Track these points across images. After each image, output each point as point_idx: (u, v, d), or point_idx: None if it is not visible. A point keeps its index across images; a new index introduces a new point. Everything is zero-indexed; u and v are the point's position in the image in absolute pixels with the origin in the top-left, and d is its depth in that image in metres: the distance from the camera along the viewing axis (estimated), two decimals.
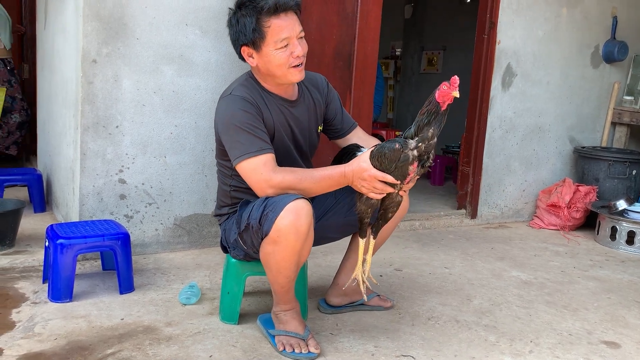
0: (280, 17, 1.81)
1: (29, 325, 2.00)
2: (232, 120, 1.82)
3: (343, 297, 2.25)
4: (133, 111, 2.70)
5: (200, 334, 2.01)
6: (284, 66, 1.85)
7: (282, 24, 1.81)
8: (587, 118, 4.30)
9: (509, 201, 4.05)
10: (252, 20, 1.81)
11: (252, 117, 1.83)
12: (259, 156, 1.79)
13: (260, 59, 1.87)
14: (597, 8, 4.15)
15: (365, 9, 3.06)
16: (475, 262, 3.06)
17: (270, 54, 1.83)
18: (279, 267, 1.82)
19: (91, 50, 2.57)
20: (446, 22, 6.96)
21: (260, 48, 1.84)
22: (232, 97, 1.87)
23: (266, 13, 1.79)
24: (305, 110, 2.03)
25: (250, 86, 1.92)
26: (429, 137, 1.71)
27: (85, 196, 2.66)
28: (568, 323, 2.30)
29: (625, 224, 3.49)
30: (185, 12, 2.76)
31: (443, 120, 1.72)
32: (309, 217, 1.75)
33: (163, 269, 2.65)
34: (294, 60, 1.85)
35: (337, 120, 2.14)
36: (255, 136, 1.81)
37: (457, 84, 1.67)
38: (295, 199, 1.74)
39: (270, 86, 1.94)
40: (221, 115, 1.87)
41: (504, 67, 3.83)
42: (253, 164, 1.80)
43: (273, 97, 1.94)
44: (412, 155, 1.71)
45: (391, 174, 1.73)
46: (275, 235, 1.75)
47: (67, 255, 2.20)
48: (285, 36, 1.82)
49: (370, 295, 2.27)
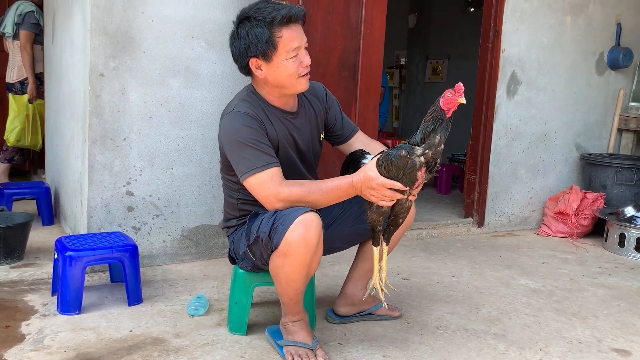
0: (291, 28, 1.83)
1: (38, 337, 2.01)
2: (236, 136, 1.83)
3: (351, 306, 2.24)
4: (140, 123, 2.72)
5: (208, 345, 2.01)
6: (293, 76, 1.86)
7: (293, 34, 1.83)
8: (593, 125, 4.30)
9: (516, 209, 4.04)
10: (264, 31, 1.82)
11: (255, 132, 1.84)
12: (265, 171, 1.80)
13: (269, 70, 1.87)
14: (601, 15, 4.15)
15: (369, 18, 3.08)
16: (483, 271, 3.05)
17: (282, 64, 1.85)
18: (288, 279, 1.83)
19: (99, 64, 2.60)
20: (450, 30, 6.98)
21: (271, 59, 1.85)
22: (235, 113, 1.88)
23: (278, 24, 1.81)
24: (307, 120, 2.04)
25: (252, 101, 1.92)
26: (436, 144, 1.71)
27: (93, 208, 2.67)
28: (578, 331, 2.28)
29: (633, 231, 3.46)
30: (191, 25, 2.78)
31: (448, 127, 1.72)
32: (318, 230, 1.75)
33: (171, 280, 2.65)
34: (303, 70, 1.87)
35: (337, 125, 2.15)
36: (260, 151, 1.82)
37: (462, 91, 1.67)
38: (305, 212, 1.74)
39: (272, 98, 1.95)
40: (225, 133, 1.88)
41: (509, 75, 3.84)
42: (260, 179, 1.80)
43: (275, 110, 1.95)
44: (419, 162, 1.71)
45: (399, 181, 1.73)
46: (285, 248, 1.75)
47: (76, 268, 2.21)
48: (296, 46, 1.84)
49: (377, 304, 2.27)
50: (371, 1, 3.07)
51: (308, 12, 2.79)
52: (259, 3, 1.87)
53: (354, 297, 2.22)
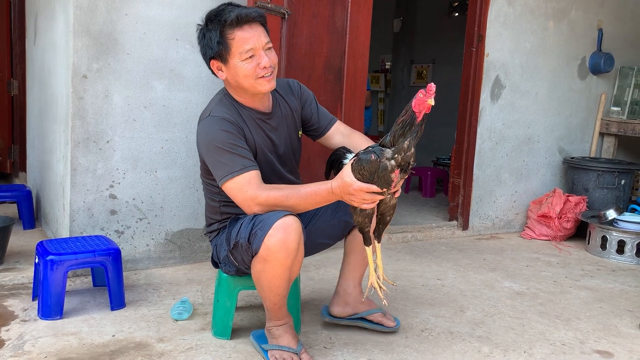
0: (244, 29, 1.82)
1: (18, 343, 1.97)
2: (214, 141, 1.82)
3: (344, 306, 2.19)
4: (124, 126, 2.69)
5: (192, 349, 1.99)
6: (250, 77, 1.85)
7: (246, 35, 1.82)
8: (575, 129, 4.35)
9: (500, 212, 4.07)
10: (216, 33, 1.83)
11: (232, 136, 1.83)
12: (242, 174, 1.79)
13: (228, 72, 1.88)
14: (583, 21, 4.21)
15: (354, 23, 3.09)
16: (467, 274, 3.06)
17: (237, 66, 1.84)
18: (270, 284, 1.82)
19: (81, 65, 2.57)
20: (435, 35, 7.03)
21: (227, 60, 1.86)
22: (211, 118, 1.87)
23: (229, 25, 1.82)
24: (283, 119, 2.03)
25: (227, 104, 1.92)
26: (405, 148, 1.68)
27: (76, 212, 2.64)
28: (561, 333, 2.30)
29: (615, 234, 3.51)
30: (176, 28, 2.77)
31: (419, 130, 1.67)
32: (298, 233, 1.74)
33: (154, 284, 2.63)
34: (261, 71, 1.85)
35: (313, 119, 2.13)
36: (237, 155, 1.81)
37: (433, 91, 1.62)
38: (283, 215, 1.74)
39: (244, 99, 1.94)
40: (202, 137, 1.87)
41: (493, 79, 3.87)
42: (238, 183, 1.79)
43: (249, 112, 1.94)
44: (390, 165, 1.69)
45: (375, 184, 1.71)
46: (265, 253, 1.75)
47: (58, 272, 2.18)
48: (250, 47, 1.83)
49: (373, 309, 2.20)
50: (356, 6, 3.08)
51: (293, 16, 2.80)
52: (220, 6, 1.88)
53: (346, 295, 2.18)
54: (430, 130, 7.50)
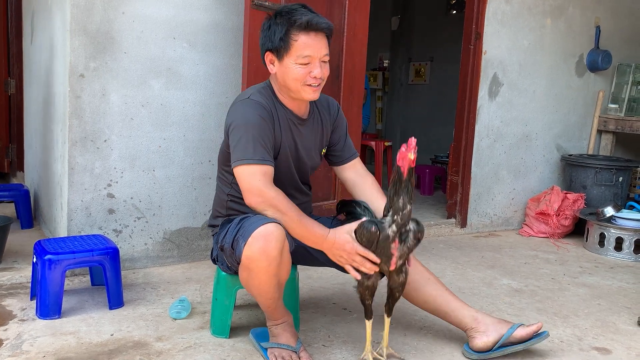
0: (309, 35, 1.82)
1: (16, 343, 1.97)
2: (247, 122, 1.82)
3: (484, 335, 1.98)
4: (121, 125, 2.69)
5: (191, 348, 1.99)
6: (299, 81, 1.85)
7: (309, 42, 1.82)
8: (573, 126, 4.35)
9: (498, 210, 4.08)
10: (282, 29, 1.83)
11: (265, 125, 1.84)
12: (259, 165, 1.79)
13: (279, 68, 1.88)
14: (580, 18, 4.21)
15: (352, 21, 3.08)
16: (466, 271, 3.07)
17: (290, 67, 1.84)
18: (259, 290, 1.83)
19: (79, 64, 2.57)
20: (433, 33, 7.03)
21: (282, 58, 1.85)
22: (250, 101, 1.87)
23: (297, 27, 1.81)
24: (313, 130, 2.03)
25: (267, 95, 1.93)
26: (401, 207, 1.68)
27: (74, 211, 2.63)
28: (559, 330, 2.31)
29: (613, 231, 3.51)
30: (173, 26, 2.76)
31: (410, 186, 1.67)
32: (279, 241, 1.73)
33: (153, 283, 2.63)
34: (311, 80, 1.85)
35: (339, 146, 2.14)
36: (261, 146, 1.81)
37: (414, 145, 1.62)
38: (266, 223, 1.73)
39: (284, 99, 1.94)
40: (236, 116, 1.86)
41: (491, 77, 3.87)
42: (252, 170, 1.78)
43: (285, 111, 1.94)
44: (391, 233, 1.70)
45: (374, 253, 1.74)
46: (247, 262, 1.76)
47: (56, 271, 2.18)
48: (308, 54, 1.83)
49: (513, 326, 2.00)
50: (354, 4, 3.07)
51: None
52: (296, 5, 1.87)
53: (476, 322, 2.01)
54: (428, 128, 7.52)
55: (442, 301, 2.03)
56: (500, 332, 1.96)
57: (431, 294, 2.02)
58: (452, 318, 2.03)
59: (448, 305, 2.02)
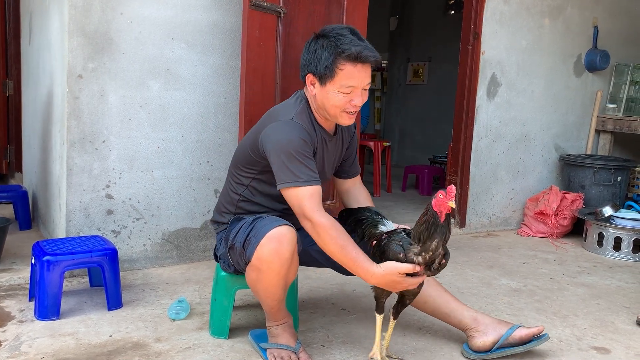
0: (357, 67, 1.80)
1: (15, 344, 1.97)
2: (289, 146, 1.79)
3: (483, 335, 2.00)
4: (119, 126, 2.69)
5: (190, 349, 1.99)
6: (339, 108, 1.84)
7: (355, 73, 1.80)
8: (571, 126, 4.36)
9: (496, 210, 4.08)
10: (329, 57, 1.80)
11: (307, 147, 1.82)
12: (306, 186, 1.77)
13: (320, 92, 1.86)
14: (578, 18, 4.22)
15: (350, 21, 3.08)
16: (464, 271, 3.07)
17: (331, 93, 1.83)
18: (266, 292, 1.83)
19: (77, 65, 2.56)
20: (431, 33, 7.04)
21: (325, 84, 1.83)
22: (294, 123, 1.85)
23: (346, 57, 1.79)
24: (336, 147, 2.05)
25: (307, 116, 1.91)
26: (433, 249, 1.69)
27: (72, 212, 2.63)
28: (558, 330, 2.31)
29: (611, 230, 3.52)
30: (172, 27, 2.76)
31: (447, 232, 1.68)
32: (291, 244, 1.74)
33: (151, 284, 2.62)
34: (350, 108, 1.85)
35: (348, 162, 2.17)
36: (306, 166, 1.79)
37: (454, 194, 1.63)
38: (279, 225, 1.74)
39: (320, 118, 1.94)
40: (278, 137, 1.82)
41: (489, 77, 3.87)
42: (299, 193, 1.77)
43: (321, 130, 1.94)
44: (416, 260, 1.70)
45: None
46: (258, 262, 1.76)
47: (54, 272, 2.17)
48: (353, 85, 1.81)
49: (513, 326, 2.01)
50: (352, 4, 3.07)
51: (289, 14, 2.79)
52: (344, 29, 1.84)
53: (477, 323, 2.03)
54: (426, 128, 7.52)
55: (442, 303, 2.04)
56: (500, 333, 1.97)
57: (430, 296, 2.03)
58: (452, 319, 2.04)
59: (447, 306, 2.04)
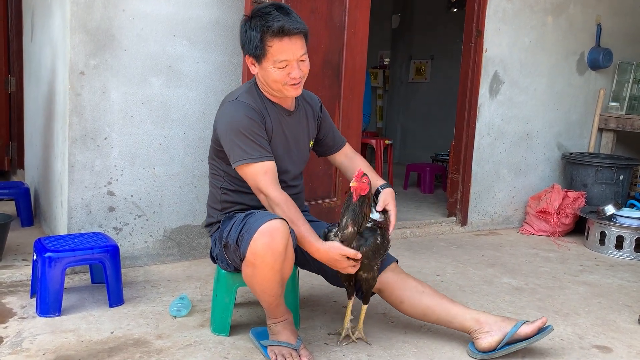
0: (283, 41, 1.84)
1: (16, 340, 1.97)
2: (237, 125, 1.86)
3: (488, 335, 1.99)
4: (121, 123, 2.69)
5: (191, 346, 1.99)
6: (279, 82, 1.90)
7: (284, 47, 1.85)
8: (574, 124, 4.35)
9: (498, 208, 4.07)
10: (257, 36, 1.85)
11: (255, 124, 1.88)
12: (259, 163, 1.85)
13: (260, 71, 1.93)
14: (581, 16, 4.20)
15: (352, 18, 3.08)
16: (466, 269, 3.06)
17: (269, 70, 1.88)
18: (262, 287, 1.84)
19: (79, 62, 2.56)
20: (434, 31, 7.02)
21: (261, 62, 1.89)
22: (238, 102, 1.91)
23: (271, 33, 1.83)
24: (300, 122, 2.08)
25: (254, 94, 1.97)
26: (343, 226, 1.82)
27: (74, 209, 2.63)
28: (560, 328, 2.30)
29: (613, 229, 3.51)
30: (174, 24, 2.76)
31: (358, 211, 1.81)
32: (284, 237, 1.75)
33: (153, 281, 2.63)
34: (290, 80, 1.89)
35: (329, 137, 2.21)
36: (256, 143, 1.86)
37: (361, 175, 1.80)
38: (271, 219, 1.75)
39: (270, 96, 1.99)
40: (225, 119, 1.90)
41: (491, 75, 3.86)
42: (254, 170, 1.85)
43: (274, 106, 1.99)
44: (333, 239, 1.84)
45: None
46: (252, 258, 1.76)
47: (56, 269, 2.17)
48: (284, 59, 1.86)
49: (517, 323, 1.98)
50: (355, 1, 3.07)
51: None
52: (269, 7, 1.88)
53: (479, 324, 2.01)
54: (428, 126, 7.51)
55: (442, 311, 2.03)
56: (504, 331, 1.96)
57: (429, 306, 2.03)
58: (455, 324, 2.03)
59: (448, 313, 2.03)
